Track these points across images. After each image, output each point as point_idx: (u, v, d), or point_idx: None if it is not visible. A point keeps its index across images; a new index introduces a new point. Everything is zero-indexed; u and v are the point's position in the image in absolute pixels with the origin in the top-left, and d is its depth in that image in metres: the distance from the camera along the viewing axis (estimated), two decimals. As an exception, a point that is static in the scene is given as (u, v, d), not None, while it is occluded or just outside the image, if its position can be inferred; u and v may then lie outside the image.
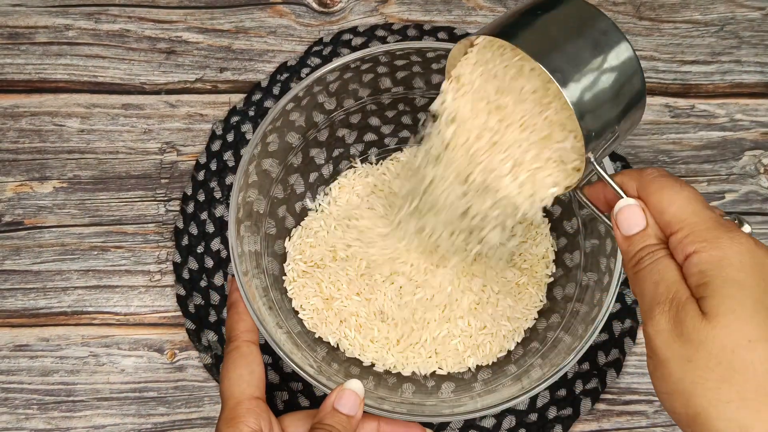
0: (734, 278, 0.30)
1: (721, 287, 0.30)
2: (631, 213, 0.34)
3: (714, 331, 0.29)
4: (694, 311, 0.30)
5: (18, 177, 0.54)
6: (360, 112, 0.51)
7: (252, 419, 0.38)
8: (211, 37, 0.58)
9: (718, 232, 0.31)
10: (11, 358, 0.50)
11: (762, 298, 0.30)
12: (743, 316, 0.29)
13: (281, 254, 0.50)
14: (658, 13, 0.59)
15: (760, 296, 0.30)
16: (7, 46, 0.58)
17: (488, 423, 0.48)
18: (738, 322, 0.29)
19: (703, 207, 0.33)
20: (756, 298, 0.30)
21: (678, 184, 0.33)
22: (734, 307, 0.29)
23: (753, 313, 0.29)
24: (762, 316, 0.29)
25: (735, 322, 0.29)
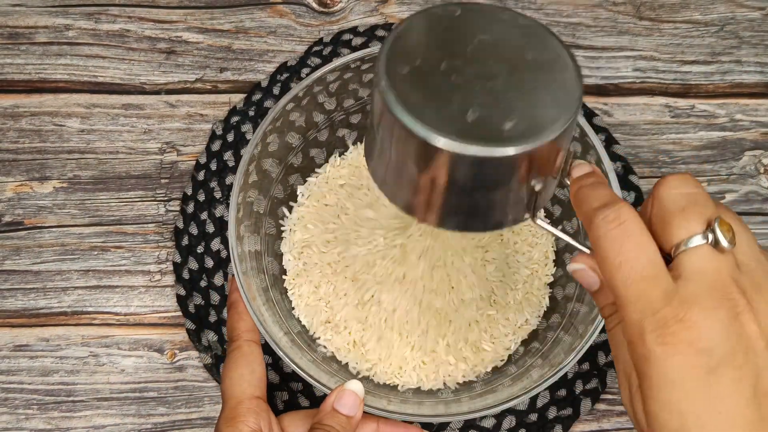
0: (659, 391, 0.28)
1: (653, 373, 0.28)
2: (582, 276, 0.32)
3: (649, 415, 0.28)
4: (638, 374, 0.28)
5: (18, 177, 0.54)
6: (360, 112, 0.51)
7: (252, 418, 0.38)
8: (211, 37, 0.58)
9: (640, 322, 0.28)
10: (11, 358, 0.50)
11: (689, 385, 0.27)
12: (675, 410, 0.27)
13: (281, 254, 0.50)
14: (658, 13, 0.60)
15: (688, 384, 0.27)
16: (7, 46, 0.58)
17: (488, 423, 0.48)
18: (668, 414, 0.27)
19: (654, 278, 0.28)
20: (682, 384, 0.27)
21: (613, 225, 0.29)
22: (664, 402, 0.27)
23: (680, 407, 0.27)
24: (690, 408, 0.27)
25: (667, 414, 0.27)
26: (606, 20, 0.59)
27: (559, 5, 0.59)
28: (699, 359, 0.27)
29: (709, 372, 0.27)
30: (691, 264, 0.28)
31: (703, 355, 0.27)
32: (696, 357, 0.27)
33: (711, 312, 0.27)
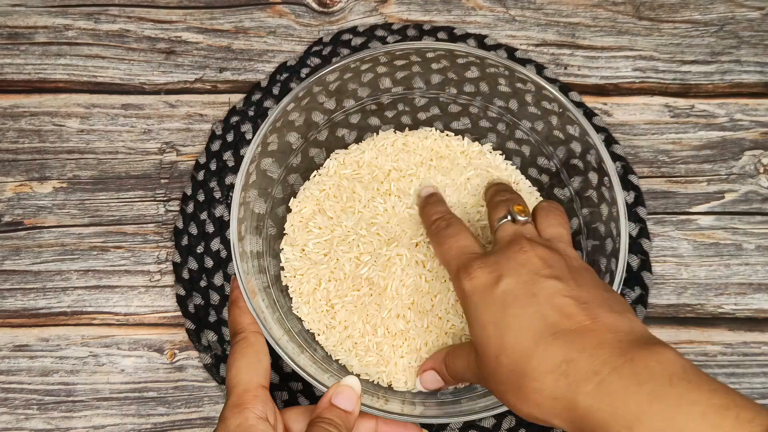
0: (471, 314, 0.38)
1: (470, 326, 0.39)
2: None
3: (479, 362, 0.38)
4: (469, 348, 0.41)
5: (18, 177, 0.54)
6: (360, 113, 0.51)
7: (259, 406, 0.38)
8: (210, 37, 0.58)
9: (459, 274, 0.40)
10: (11, 358, 0.50)
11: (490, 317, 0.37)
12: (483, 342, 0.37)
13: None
14: (658, 13, 0.60)
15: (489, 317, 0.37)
16: (6, 46, 0.58)
17: (488, 423, 0.48)
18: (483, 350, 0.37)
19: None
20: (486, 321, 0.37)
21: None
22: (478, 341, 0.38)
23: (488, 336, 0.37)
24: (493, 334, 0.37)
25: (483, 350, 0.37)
26: (605, 20, 0.59)
27: (558, 5, 0.59)
28: (491, 278, 0.38)
29: (494, 284, 0.37)
30: (499, 233, 0.42)
31: (494, 273, 0.38)
32: (489, 276, 0.38)
33: (503, 250, 0.39)
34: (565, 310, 0.36)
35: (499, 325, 0.36)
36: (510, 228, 0.41)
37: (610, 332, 0.34)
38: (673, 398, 0.30)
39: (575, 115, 0.46)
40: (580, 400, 0.32)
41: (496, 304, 0.37)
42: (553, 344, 0.34)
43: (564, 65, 0.58)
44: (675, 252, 0.53)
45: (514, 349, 0.35)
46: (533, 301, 0.36)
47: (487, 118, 0.52)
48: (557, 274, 0.37)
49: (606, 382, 0.32)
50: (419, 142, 0.52)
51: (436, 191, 0.49)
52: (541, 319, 0.35)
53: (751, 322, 0.52)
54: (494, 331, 0.36)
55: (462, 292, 0.39)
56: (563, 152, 0.49)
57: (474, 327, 0.38)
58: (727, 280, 0.52)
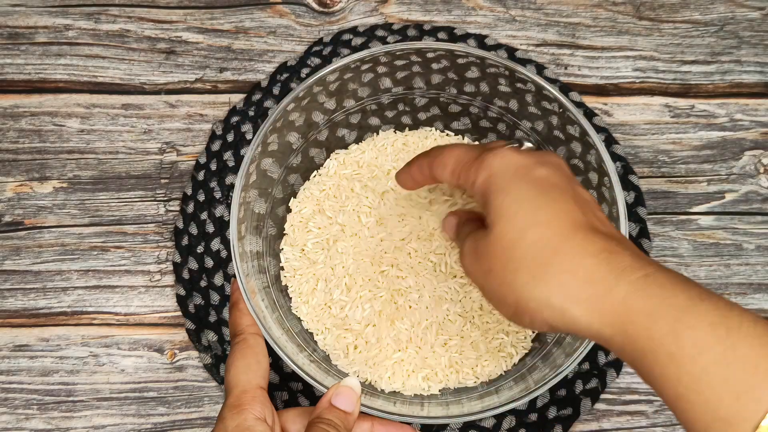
0: (500, 187, 0.35)
1: (493, 200, 0.35)
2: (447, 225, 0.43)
3: (495, 238, 0.34)
4: (482, 233, 0.36)
5: (18, 177, 0.54)
6: (360, 113, 0.51)
7: (257, 407, 0.38)
8: (210, 37, 0.58)
9: (483, 155, 0.36)
10: (11, 358, 0.50)
11: (523, 194, 0.34)
12: (509, 214, 0.34)
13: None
14: (658, 13, 0.60)
15: (522, 193, 0.34)
16: (7, 46, 0.58)
17: (488, 423, 0.48)
18: (507, 222, 0.34)
19: (466, 150, 0.38)
20: (518, 196, 0.34)
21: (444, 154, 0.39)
22: (502, 212, 0.34)
23: (517, 209, 0.34)
24: (525, 207, 0.34)
25: (506, 224, 0.34)
26: (606, 20, 0.59)
27: (558, 5, 0.59)
28: (525, 161, 0.35)
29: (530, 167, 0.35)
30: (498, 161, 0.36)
31: (528, 159, 0.36)
32: (523, 159, 0.35)
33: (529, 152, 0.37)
34: (601, 218, 0.35)
35: (534, 201, 0.34)
36: (513, 157, 0.36)
37: (629, 249, 0.33)
38: (724, 302, 0.29)
39: (575, 115, 0.46)
40: (620, 286, 0.31)
41: (532, 184, 0.34)
42: (594, 234, 0.33)
43: (564, 65, 0.58)
44: (675, 252, 0.53)
45: (549, 225, 0.33)
46: (572, 194, 0.35)
47: (487, 118, 0.52)
48: (586, 191, 0.37)
49: (653, 276, 0.31)
50: (419, 142, 0.52)
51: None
52: (582, 213, 0.34)
53: (752, 322, 0.52)
54: (529, 206, 0.34)
55: (488, 170, 0.35)
56: (563, 152, 0.49)
57: (501, 199, 0.34)
58: (728, 280, 0.52)
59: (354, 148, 0.52)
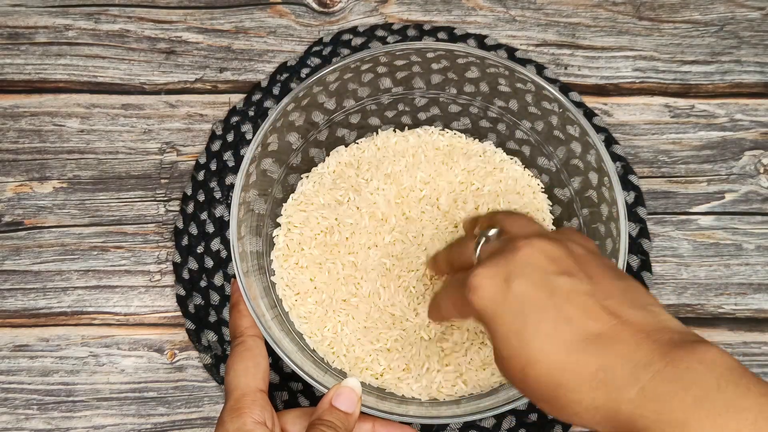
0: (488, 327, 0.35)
1: (490, 340, 0.35)
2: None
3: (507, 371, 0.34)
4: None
5: (18, 177, 0.54)
6: (360, 113, 0.51)
7: (257, 411, 0.38)
8: (210, 37, 0.58)
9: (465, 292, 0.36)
10: (11, 358, 0.50)
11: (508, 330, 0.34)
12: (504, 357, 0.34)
13: (281, 254, 0.50)
14: (658, 13, 0.60)
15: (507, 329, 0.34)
16: (7, 47, 0.58)
17: (488, 423, 0.48)
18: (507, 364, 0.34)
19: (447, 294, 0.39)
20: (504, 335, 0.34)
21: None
22: (499, 355, 0.34)
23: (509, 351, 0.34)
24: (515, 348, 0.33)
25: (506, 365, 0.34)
26: (606, 20, 0.59)
27: (558, 5, 0.59)
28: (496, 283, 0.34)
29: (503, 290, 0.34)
30: (482, 256, 0.38)
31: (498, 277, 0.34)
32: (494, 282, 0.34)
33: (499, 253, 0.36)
34: (588, 310, 0.33)
35: (521, 336, 0.33)
36: (489, 245, 0.38)
37: (642, 332, 0.32)
38: (721, 404, 0.29)
39: (575, 115, 0.46)
40: (622, 408, 0.31)
41: (513, 313, 0.34)
42: (586, 351, 0.32)
43: (564, 65, 0.58)
44: (675, 252, 0.53)
45: (542, 361, 0.33)
46: (552, 303, 0.33)
47: (487, 118, 0.52)
48: (565, 269, 0.35)
49: (648, 388, 0.30)
50: (419, 140, 0.52)
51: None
52: (566, 323, 0.33)
53: (752, 322, 0.52)
54: (517, 343, 0.33)
55: (474, 311, 0.35)
56: (563, 152, 0.49)
57: (495, 341, 0.35)
58: (728, 280, 0.52)
59: (354, 147, 0.52)
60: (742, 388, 0.29)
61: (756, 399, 0.29)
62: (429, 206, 0.49)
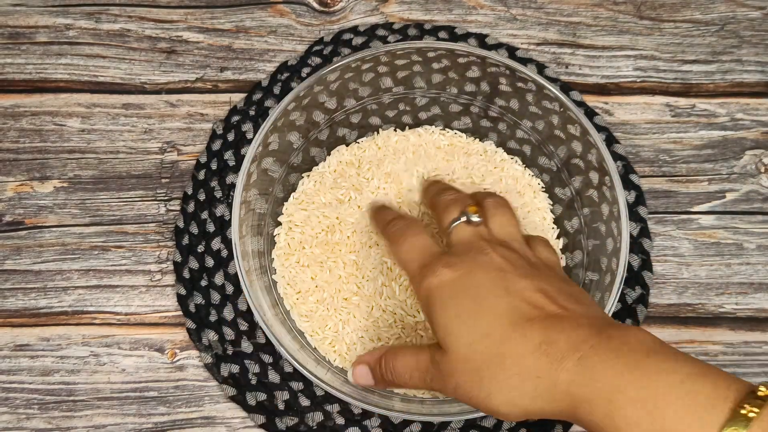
0: (441, 305, 0.38)
1: (438, 318, 0.38)
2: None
3: (450, 357, 0.37)
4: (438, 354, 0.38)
5: (18, 177, 0.54)
6: (361, 112, 0.51)
7: None
8: (211, 36, 0.58)
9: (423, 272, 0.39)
10: (12, 357, 0.50)
11: (463, 308, 0.37)
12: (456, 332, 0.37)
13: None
14: (659, 13, 0.60)
15: (462, 308, 0.37)
16: (7, 46, 0.58)
17: (489, 423, 0.48)
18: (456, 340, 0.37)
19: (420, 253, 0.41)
20: (459, 312, 0.37)
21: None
22: (449, 330, 0.37)
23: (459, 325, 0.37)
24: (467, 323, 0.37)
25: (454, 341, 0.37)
26: (606, 19, 0.59)
27: (559, 4, 0.59)
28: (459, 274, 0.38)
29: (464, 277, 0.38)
30: (454, 236, 0.42)
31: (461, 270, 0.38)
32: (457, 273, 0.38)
33: (466, 253, 0.40)
34: (537, 302, 0.36)
35: (473, 314, 0.36)
36: (465, 230, 0.42)
37: (584, 317, 0.35)
38: (651, 368, 0.31)
39: (576, 114, 0.46)
40: (561, 376, 0.33)
41: (469, 297, 0.37)
42: (531, 328, 0.35)
43: (565, 64, 0.58)
44: (676, 251, 0.53)
45: (490, 334, 0.36)
46: (505, 293, 0.37)
47: (488, 117, 0.52)
48: (522, 272, 0.38)
49: (586, 357, 0.33)
50: (420, 139, 0.52)
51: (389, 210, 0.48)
52: (516, 308, 0.36)
53: (752, 321, 0.52)
54: (468, 319, 0.36)
55: (426, 289, 0.39)
56: (564, 151, 0.49)
57: (442, 320, 0.37)
58: (728, 280, 0.52)
59: (355, 146, 0.52)
60: (669, 356, 0.32)
61: (683, 364, 0.31)
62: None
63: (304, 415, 0.48)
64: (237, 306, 0.50)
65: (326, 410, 0.48)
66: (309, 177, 0.51)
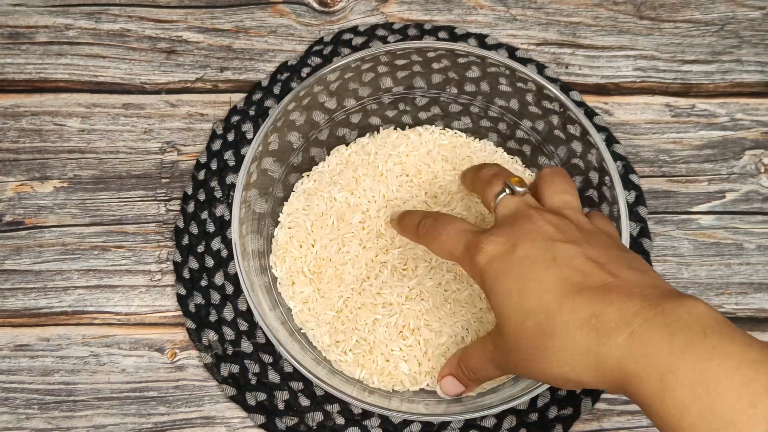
0: (490, 288, 0.37)
1: (491, 300, 0.37)
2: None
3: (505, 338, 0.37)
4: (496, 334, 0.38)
5: (18, 177, 0.54)
6: (361, 112, 0.51)
7: None
8: (211, 36, 0.58)
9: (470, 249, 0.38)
10: (12, 357, 0.50)
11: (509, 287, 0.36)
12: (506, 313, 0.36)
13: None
14: (659, 13, 0.60)
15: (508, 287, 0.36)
16: (7, 46, 0.58)
17: (489, 423, 0.48)
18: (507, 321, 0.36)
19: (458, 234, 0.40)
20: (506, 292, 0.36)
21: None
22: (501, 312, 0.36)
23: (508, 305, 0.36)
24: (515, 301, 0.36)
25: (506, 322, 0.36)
26: (606, 19, 0.59)
27: (559, 4, 0.59)
28: (504, 247, 0.37)
29: (510, 252, 0.36)
30: (500, 209, 0.40)
31: (507, 243, 0.37)
32: (502, 246, 0.37)
33: (511, 223, 0.38)
34: (586, 270, 0.35)
35: (521, 291, 0.35)
36: (511, 201, 0.40)
37: (636, 287, 0.34)
38: (706, 350, 0.30)
39: (576, 114, 0.46)
40: (611, 351, 0.32)
41: (515, 271, 0.36)
42: (579, 299, 0.34)
43: (565, 65, 0.58)
44: (676, 251, 0.53)
45: (538, 310, 0.34)
46: (553, 263, 0.35)
47: (488, 117, 0.52)
48: (571, 238, 0.37)
49: (638, 333, 0.31)
50: (420, 138, 0.52)
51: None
52: (563, 279, 0.35)
53: (752, 321, 0.52)
54: (517, 297, 0.35)
55: (476, 268, 0.37)
56: (564, 152, 0.49)
57: (495, 299, 0.37)
58: (728, 280, 0.52)
59: (354, 146, 0.52)
60: (726, 337, 0.30)
61: (740, 346, 0.30)
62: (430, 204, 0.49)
63: (304, 415, 0.48)
64: (237, 306, 0.50)
65: (326, 410, 0.48)
66: (309, 176, 0.51)
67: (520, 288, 0.35)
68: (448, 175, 0.50)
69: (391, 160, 0.50)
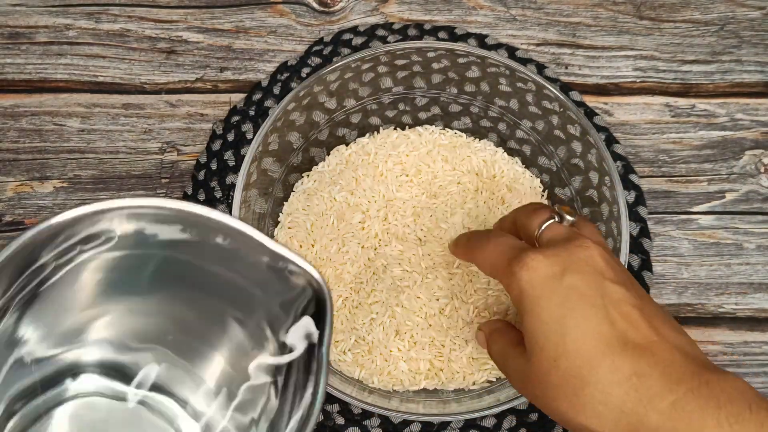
0: (529, 309, 0.35)
1: (526, 323, 0.35)
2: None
3: (533, 367, 0.35)
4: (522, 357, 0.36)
5: (18, 177, 0.54)
6: (361, 112, 0.52)
7: None
8: (211, 36, 0.58)
9: (514, 264, 0.36)
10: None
11: (551, 315, 0.34)
12: (540, 343, 0.34)
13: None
14: (659, 13, 0.60)
15: (550, 314, 0.34)
16: (7, 46, 0.58)
17: (489, 423, 0.48)
18: (540, 351, 0.34)
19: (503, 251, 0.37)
20: (547, 319, 0.34)
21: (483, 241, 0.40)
22: (535, 339, 0.34)
23: (547, 336, 0.34)
24: (554, 333, 0.34)
25: (539, 352, 0.34)
26: (606, 19, 0.59)
27: (559, 4, 0.59)
28: (552, 270, 0.34)
29: (558, 277, 0.34)
30: (547, 233, 0.38)
31: (555, 265, 0.35)
32: (549, 268, 0.35)
33: (562, 244, 0.36)
34: (633, 320, 0.34)
35: (562, 324, 0.34)
36: (559, 227, 0.38)
37: (677, 352, 0.33)
38: (753, 425, 0.30)
39: (576, 114, 0.46)
40: (651, 416, 0.31)
41: (560, 300, 0.34)
42: (622, 355, 0.33)
43: (565, 65, 0.58)
44: (676, 251, 0.53)
45: (577, 353, 0.33)
46: (601, 303, 0.34)
47: (487, 117, 0.52)
48: (620, 280, 0.35)
49: (682, 401, 0.31)
50: (420, 138, 0.52)
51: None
52: (610, 324, 0.33)
53: (752, 321, 0.52)
54: (557, 330, 0.34)
55: (516, 283, 0.35)
56: (564, 152, 0.49)
57: (532, 322, 0.35)
58: (728, 280, 0.52)
59: (354, 145, 0.52)
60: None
61: None
62: (428, 206, 0.49)
63: (304, 415, 0.48)
64: (237, 306, 0.50)
65: (326, 410, 0.48)
66: (308, 176, 0.51)
67: (561, 320, 0.34)
68: (448, 175, 0.50)
69: (391, 160, 0.50)
